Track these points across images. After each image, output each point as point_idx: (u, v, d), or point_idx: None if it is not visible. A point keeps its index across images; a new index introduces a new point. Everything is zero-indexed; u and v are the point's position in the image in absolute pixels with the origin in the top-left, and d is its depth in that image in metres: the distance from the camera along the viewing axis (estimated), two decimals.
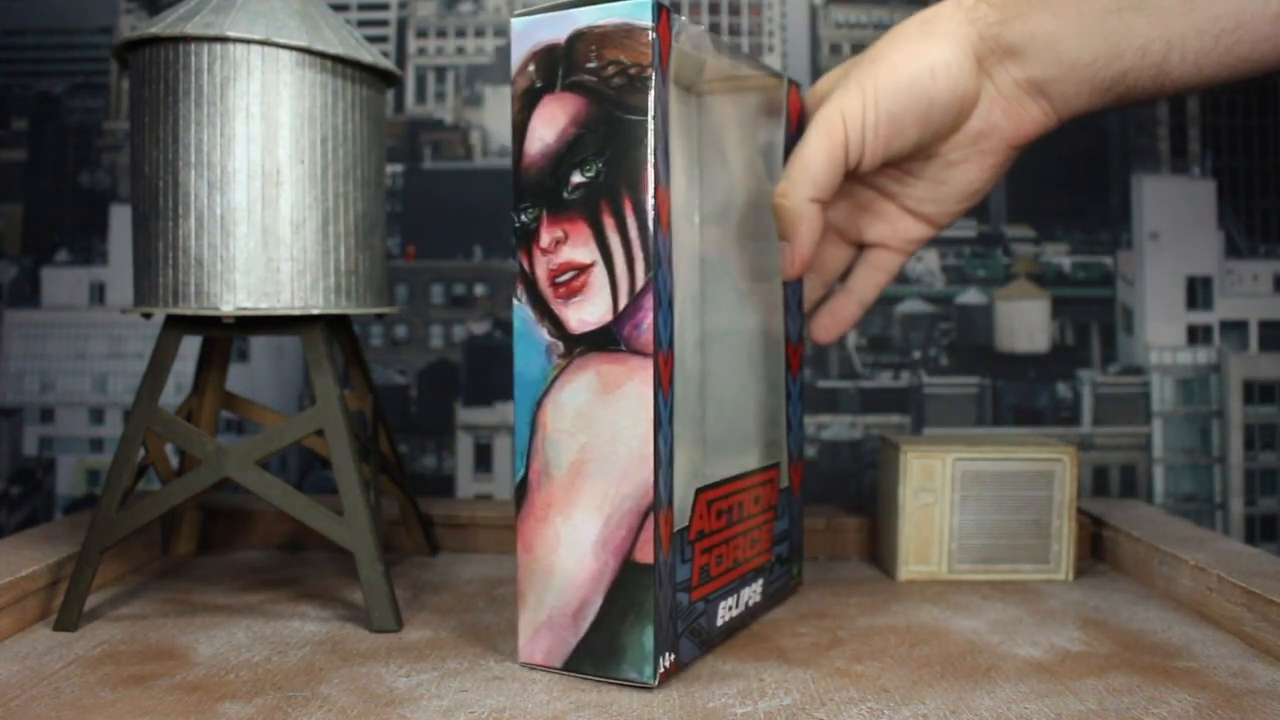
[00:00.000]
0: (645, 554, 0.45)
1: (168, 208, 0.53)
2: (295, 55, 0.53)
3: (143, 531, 0.63)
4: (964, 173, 0.56)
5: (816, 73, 0.88)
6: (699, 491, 0.49)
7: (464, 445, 0.88)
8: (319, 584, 0.62)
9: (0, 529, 0.87)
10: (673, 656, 0.47)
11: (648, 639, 0.45)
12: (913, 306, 0.88)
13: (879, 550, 0.68)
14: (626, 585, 0.46)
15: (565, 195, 0.47)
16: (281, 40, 0.52)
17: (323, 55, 0.54)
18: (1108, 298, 0.87)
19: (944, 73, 0.52)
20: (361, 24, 0.89)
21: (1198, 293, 0.87)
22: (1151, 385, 0.87)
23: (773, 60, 0.88)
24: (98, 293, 0.89)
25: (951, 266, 0.88)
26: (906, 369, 0.87)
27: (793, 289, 0.59)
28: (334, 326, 0.62)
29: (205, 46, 0.52)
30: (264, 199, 0.53)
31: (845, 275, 0.62)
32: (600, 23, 0.45)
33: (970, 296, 0.87)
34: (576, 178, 0.47)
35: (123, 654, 0.49)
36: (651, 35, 0.44)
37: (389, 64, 0.58)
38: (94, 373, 0.88)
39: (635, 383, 0.45)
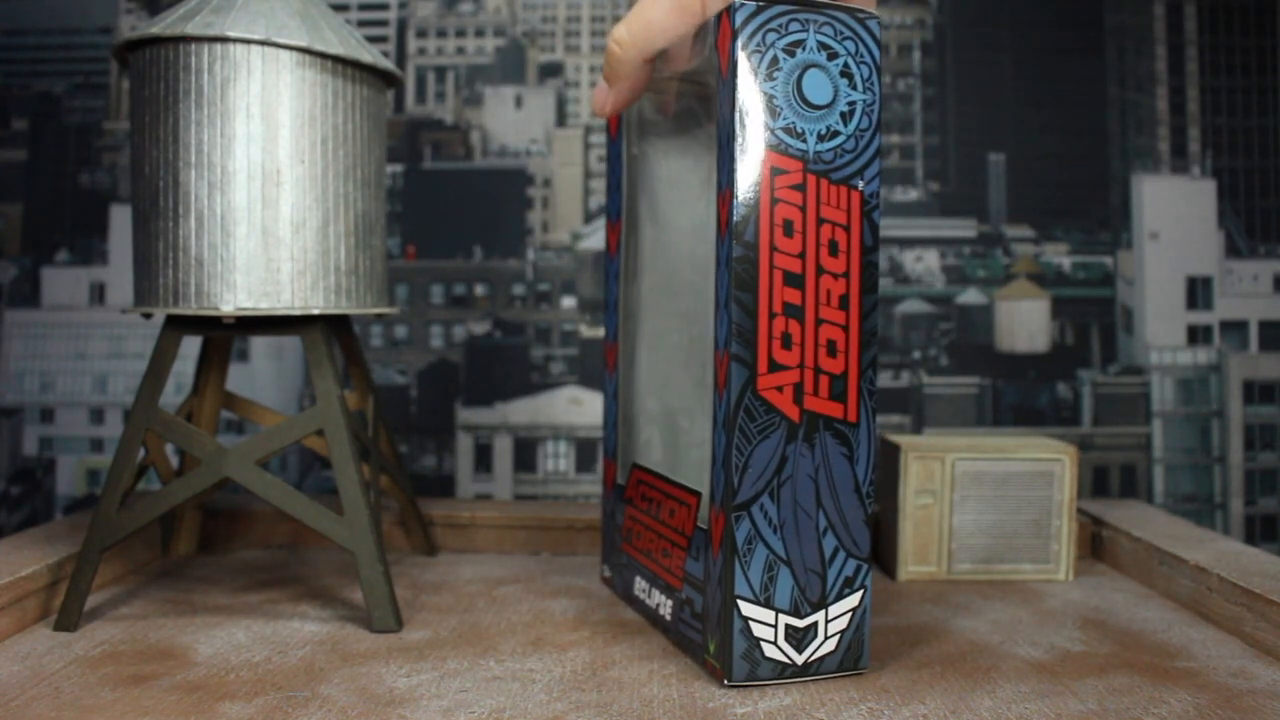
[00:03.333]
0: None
1: (168, 208, 0.53)
2: (295, 55, 0.53)
3: (143, 531, 0.63)
4: None
5: None
6: (634, 465, 0.57)
7: (464, 445, 0.88)
8: (319, 584, 0.62)
9: (0, 529, 0.87)
10: (607, 570, 0.60)
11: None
12: (913, 306, 0.88)
13: (879, 550, 0.68)
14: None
15: None
16: (282, 40, 0.52)
17: (323, 55, 0.54)
18: (1108, 298, 0.87)
19: None
20: (361, 24, 0.89)
21: (1198, 293, 0.87)
22: (1151, 385, 0.87)
23: None
24: (98, 293, 0.89)
25: (951, 266, 0.88)
26: (906, 369, 0.87)
27: (720, 283, 0.44)
28: (334, 326, 0.62)
29: (205, 46, 0.52)
30: (264, 199, 0.53)
31: None
32: None
33: (970, 296, 0.87)
34: None
35: (123, 654, 0.49)
36: None
37: (389, 64, 0.58)
38: (94, 373, 0.88)
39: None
